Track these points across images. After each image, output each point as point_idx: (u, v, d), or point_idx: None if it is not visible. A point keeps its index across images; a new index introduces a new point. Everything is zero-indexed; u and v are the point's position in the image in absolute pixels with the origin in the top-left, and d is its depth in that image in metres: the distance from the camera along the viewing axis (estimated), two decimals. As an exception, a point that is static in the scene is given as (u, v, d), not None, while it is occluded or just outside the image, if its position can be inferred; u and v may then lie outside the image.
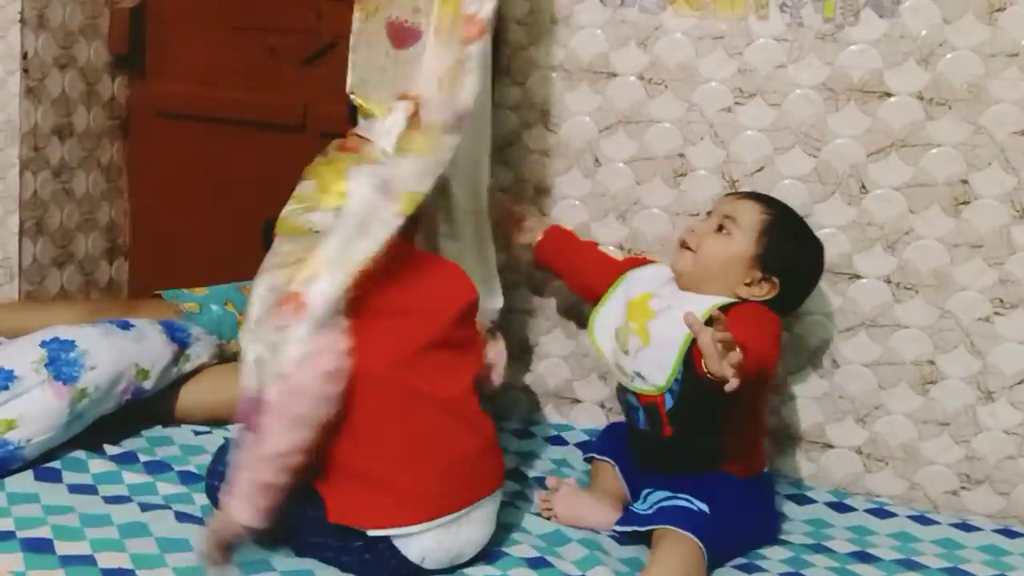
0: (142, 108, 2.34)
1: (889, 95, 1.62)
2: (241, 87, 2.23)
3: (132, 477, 1.51)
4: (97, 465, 1.53)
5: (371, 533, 1.26)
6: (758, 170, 1.69)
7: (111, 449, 1.58)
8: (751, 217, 1.50)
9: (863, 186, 1.65)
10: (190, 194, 2.32)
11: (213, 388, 1.76)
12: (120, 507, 1.40)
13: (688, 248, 1.51)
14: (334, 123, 1.72)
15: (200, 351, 1.77)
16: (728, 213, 1.51)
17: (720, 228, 1.50)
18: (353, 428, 1.27)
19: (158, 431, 1.68)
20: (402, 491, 1.27)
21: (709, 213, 1.57)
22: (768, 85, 1.67)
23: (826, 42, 1.63)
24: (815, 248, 1.56)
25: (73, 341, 1.59)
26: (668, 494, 1.44)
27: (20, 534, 1.29)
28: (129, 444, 1.61)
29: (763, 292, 1.48)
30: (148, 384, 1.66)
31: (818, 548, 1.50)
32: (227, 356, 1.83)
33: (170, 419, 1.74)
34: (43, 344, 1.58)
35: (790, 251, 1.50)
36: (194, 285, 1.98)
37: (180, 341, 1.73)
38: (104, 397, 1.59)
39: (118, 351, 1.62)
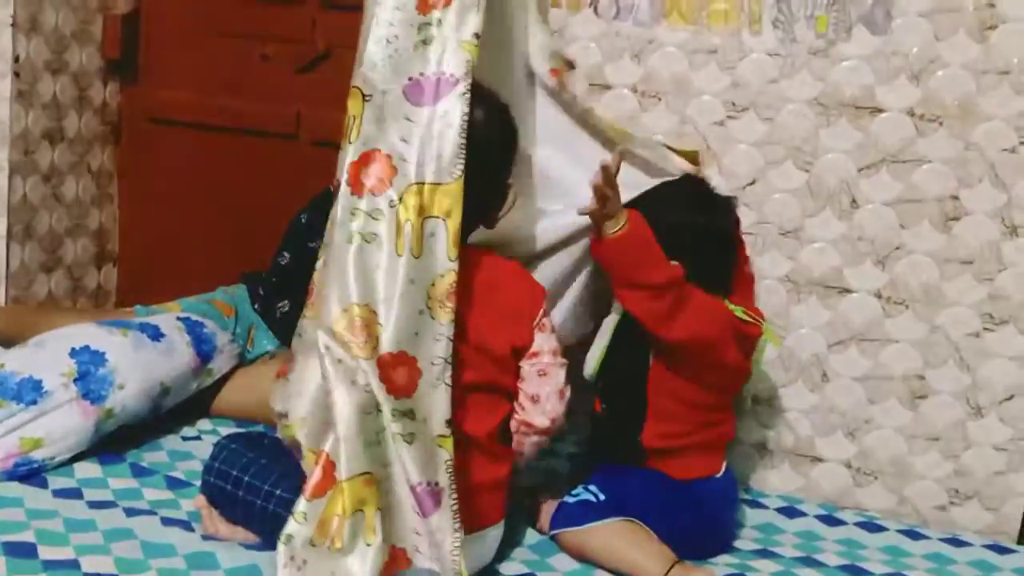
0: (134, 114, 2.33)
1: (880, 111, 1.63)
2: (234, 94, 2.23)
3: (117, 482, 1.49)
4: (83, 470, 1.51)
5: None
6: (750, 183, 1.70)
7: (97, 452, 1.57)
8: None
9: (854, 201, 1.66)
10: (181, 201, 2.32)
11: (244, 388, 1.76)
12: (105, 512, 1.38)
13: None
14: (327, 132, 1.71)
15: (222, 364, 1.76)
16: None
17: None
18: None
19: (146, 436, 1.66)
20: None
21: None
22: (761, 99, 1.68)
23: (818, 57, 1.64)
24: (687, 214, 1.49)
25: (104, 354, 1.57)
26: (580, 489, 1.47)
27: (3, 538, 1.27)
28: (116, 448, 1.59)
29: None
30: (167, 401, 1.67)
31: (808, 561, 1.49)
32: (246, 362, 1.83)
33: (200, 416, 1.76)
34: (73, 354, 1.56)
35: (661, 238, 1.43)
36: (183, 293, 1.96)
37: (205, 355, 1.72)
38: (128, 416, 1.59)
39: (147, 369, 1.60)
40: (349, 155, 1.26)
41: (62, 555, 1.25)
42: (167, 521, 1.38)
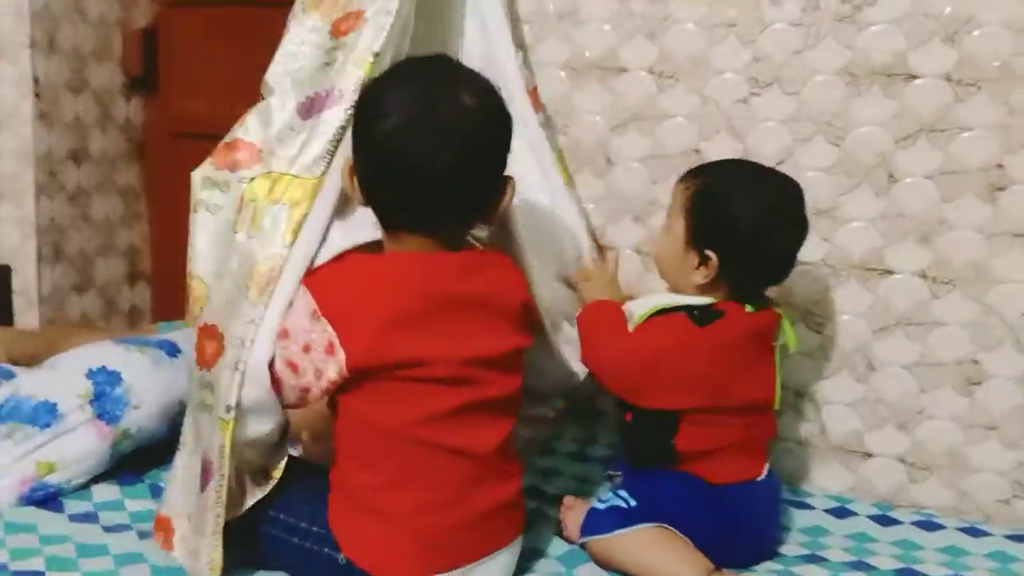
0: (158, 129, 2.33)
1: (915, 77, 1.52)
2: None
3: (135, 504, 1.47)
4: (101, 492, 1.49)
5: None
6: (779, 163, 1.60)
7: (116, 473, 1.54)
8: (678, 200, 1.39)
9: (891, 175, 1.55)
10: (209, 215, 2.30)
11: None
12: (118, 536, 1.36)
13: None
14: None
15: None
16: (669, 205, 1.42)
17: (668, 226, 1.41)
18: (376, 475, 1.20)
19: (168, 455, 1.64)
20: (422, 541, 1.19)
21: None
22: (785, 73, 1.58)
23: (845, 24, 1.54)
24: (748, 197, 1.35)
25: (119, 373, 1.54)
26: (610, 495, 1.40)
27: (13, 566, 1.25)
28: (137, 468, 1.57)
29: (709, 272, 1.35)
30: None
31: (859, 566, 1.39)
32: None
33: None
34: (89, 375, 1.53)
35: (716, 215, 1.35)
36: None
37: None
38: (146, 436, 1.56)
39: (163, 387, 1.57)
40: (226, 136, 1.30)
41: (68, 582, 1.23)
42: (180, 543, 1.35)
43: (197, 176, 1.28)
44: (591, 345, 1.41)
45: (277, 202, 1.22)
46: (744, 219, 1.34)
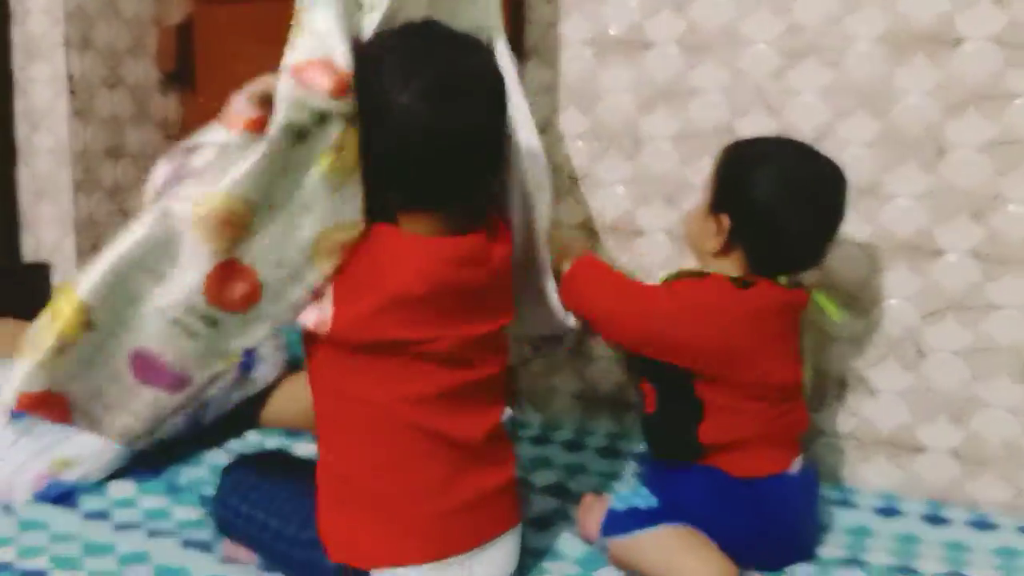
0: (195, 125, 2.31)
1: (962, 42, 1.40)
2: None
3: (149, 501, 1.45)
4: (117, 489, 1.48)
5: (374, 573, 1.14)
6: (817, 139, 1.50)
7: (133, 470, 1.53)
8: (712, 168, 1.35)
9: (940, 148, 1.44)
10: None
11: (291, 397, 1.70)
12: (127, 534, 1.34)
13: None
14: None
15: (266, 373, 1.71)
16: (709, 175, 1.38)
17: (703, 192, 1.38)
18: (364, 462, 1.15)
19: (190, 449, 1.62)
20: (410, 528, 1.14)
21: None
22: (822, 42, 1.48)
23: (885, -14, 1.43)
24: (772, 170, 1.29)
25: None
26: (629, 493, 1.34)
27: (18, 564, 1.24)
28: (158, 463, 1.55)
29: (722, 238, 1.31)
30: (208, 414, 1.62)
31: (902, 570, 1.29)
32: (299, 367, 1.77)
33: (251, 428, 1.71)
34: None
35: (736, 182, 1.30)
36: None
37: (244, 364, 1.66)
38: (165, 432, 1.55)
39: None
40: (295, 55, 1.09)
41: (69, 582, 1.21)
42: (188, 543, 1.32)
43: (292, 96, 1.05)
44: (603, 295, 1.35)
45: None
46: (761, 190, 1.28)
